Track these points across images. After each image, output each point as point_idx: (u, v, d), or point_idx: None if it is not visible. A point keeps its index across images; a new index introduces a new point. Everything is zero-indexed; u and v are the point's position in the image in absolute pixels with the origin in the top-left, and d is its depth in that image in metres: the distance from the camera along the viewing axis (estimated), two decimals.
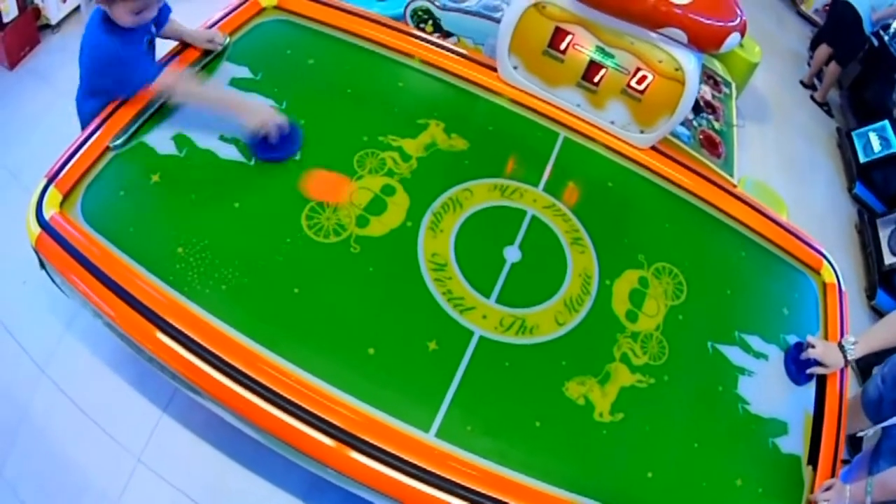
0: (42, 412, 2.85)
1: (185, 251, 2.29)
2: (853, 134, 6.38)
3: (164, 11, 2.69)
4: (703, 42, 2.74)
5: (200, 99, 2.58)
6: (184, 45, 2.85)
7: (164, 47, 2.80)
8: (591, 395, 2.33)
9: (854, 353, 2.59)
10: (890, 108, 6.24)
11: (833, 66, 6.78)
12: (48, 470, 2.72)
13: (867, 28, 6.40)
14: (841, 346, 2.62)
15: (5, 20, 4.00)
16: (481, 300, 2.41)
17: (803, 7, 8.60)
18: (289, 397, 2.05)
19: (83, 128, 2.56)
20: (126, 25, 2.35)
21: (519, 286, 2.49)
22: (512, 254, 2.57)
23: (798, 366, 2.67)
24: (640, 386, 2.41)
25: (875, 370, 3.10)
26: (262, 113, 2.55)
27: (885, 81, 6.41)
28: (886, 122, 6.11)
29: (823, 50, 6.90)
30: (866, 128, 6.31)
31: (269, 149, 2.56)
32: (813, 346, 2.64)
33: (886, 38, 6.50)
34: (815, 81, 7.21)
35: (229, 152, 2.56)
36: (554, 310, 2.47)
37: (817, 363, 2.62)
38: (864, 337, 2.64)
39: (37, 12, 4.29)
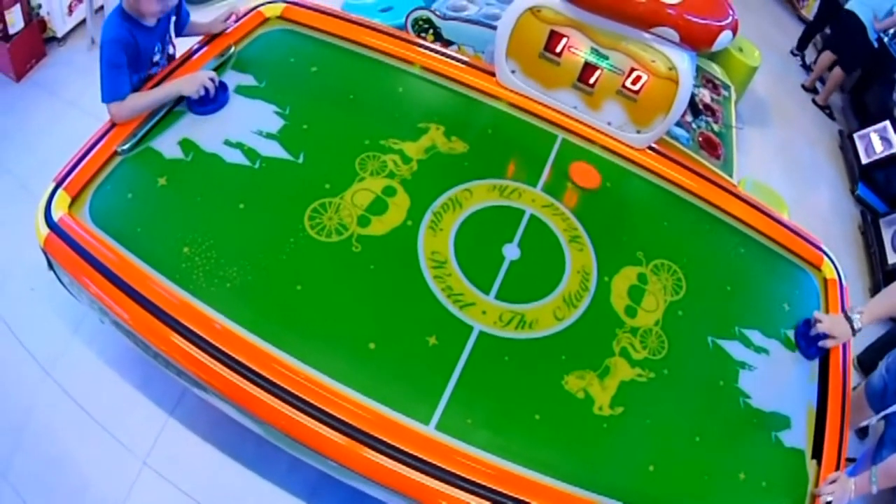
0: (47, 414, 2.90)
1: (191, 251, 2.35)
2: (855, 136, 6.41)
3: (184, 16, 2.92)
4: (695, 41, 2.78)
5: (144, 107, 2.68)
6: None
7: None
8: (590, 388, 2.35)
9: (860, 322, 2.62)
10: (891, 108, 6.27)
11: (837, 71, 6.82)
12: (52, 472, 2.77)
13: (871, 36, 6.45)
14: (847, 317, 2.64)
15: (11, 32, 4.08)
16: (481, 296, 2.45)
17: (803, 12, 8.65)
18: (292, 390, 2.10)
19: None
20: (151, 13, 2.54)
21: (518, 283, 2.53)
22: (511, 251, 2.61)
23: (808, 341, 2.71)
24: (639, 380, 2.43)
25: (881, 363, 3.12)
26: (195, 78, 2.71)
27: (886, 82, 6.44)
28: (888, 123, 6.14)
29: (826, 56, 6.95)
30: (867, 129, 6.34)
31: (207, 103, 2.74)
32: (820, 321, 2.67)
33: (886, 38, 6.54)
34: (817, 85, 7.25)
35: (234, 156, 2.63)
36: (553, 305, 2.51)
37: (827, 336, 2.65)
38: (869, 306, 2.67)
39: (43, 25, 4.37)
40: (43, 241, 2.31)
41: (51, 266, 2.44)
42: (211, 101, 2.73)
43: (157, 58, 2.80)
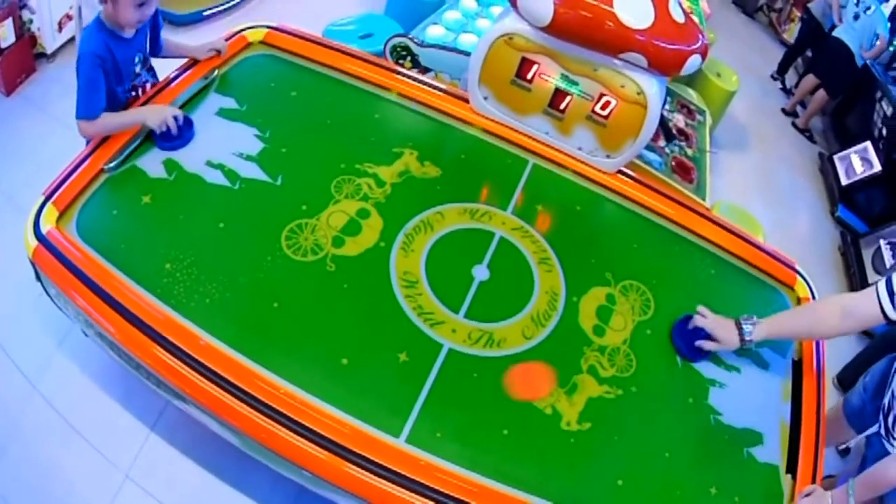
0: (32, 427, 2.95)
1: (172, 267, 2.42)
2: (835, 157, 6.50)
3: (159, 30, 2.92)
4: (664, 66, 2.86)
5: (111, 129, 2.71)
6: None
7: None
8: (558, 404, 2.41)
9: (752, 333, 2.55)
10: (872, 129, 6.36)
11: (820, 95, 6.92)
12: (37, 483, 2.81)
13: (858, 62, 6.57)
14: (738, 324, 2.58)
15: (3, 46, 4.14)
16: (450, 315, 2.53)
17: (785, 35, 8.78)
18: (268, 402, 2.16)
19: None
20: (129, 23, 2.56)
21: (487, 302, 2.60)
22: (480, 272, 2.69)
23: (684, 339, 2.69)
24: (607, 397, 2.49)
25: (859, 380, 3.15)
26: (159, 112, 2.73)
27: (868, 104, 6.54)
28: (868, 144, 6.22)
29: (809, 80, 7.06)
30: (848, 150, 6.43)
31: (171, 139, 2.75)
32: (703, 316, 2.63)
33: (870, 61, 6.66)
34: (798, 108, 7.35)
35: (215, 177, 2.71)
36: (521, 324, 2.58)
37: (708, 337, 2.61)
38: (769, 321, 2.58)
39: (33, 40, 4.43)
40: (31, 253, 2.39)
41: (38, 277, 2.51)
42: (174, 138, 2.76)
43: (137, 68, 2.85)
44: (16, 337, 3.20)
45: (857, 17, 6.53)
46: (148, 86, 2.96)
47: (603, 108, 3.02)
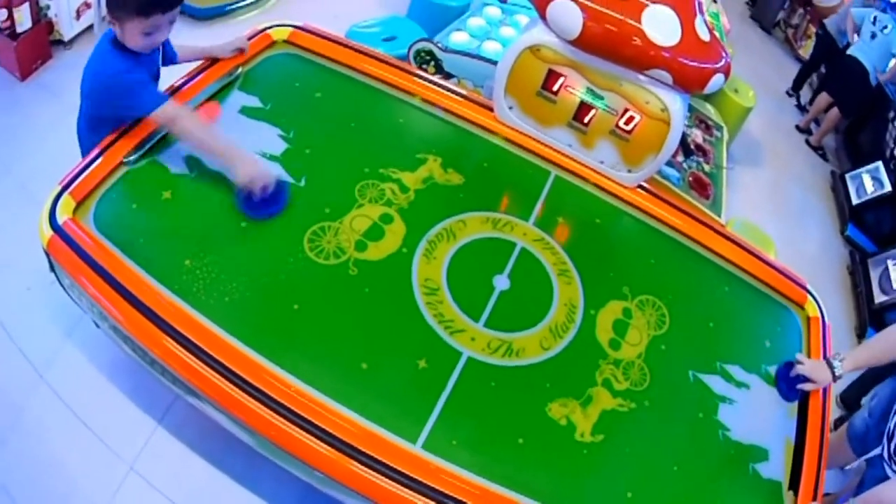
0: (38, 416, 2.95)
1: (192, 263, 2.43)
2: (847, 176, 6.50)
3: (168, 50, 2.81)
4: (688, 83, 2.88)
5: (196, 140, 2.59)
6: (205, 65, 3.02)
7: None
8: (572, 416, 2.43)
9: (841, 369, 2.66)
10: (884, 149, 6.36)
11: (833, 113, 6.91)
12: (39, 472, 2.81)
13: (873, 82, 6.57)
14: (829, 363, 2.68)
15: (19, 30, 4.15)
16: (470, 323, 2.54)
17: (801, 51, 8.78)
18: (285, 403, 2.16)
19: (84, 156, 2.62)
20: (136, 48, 2.45)
21: (507, 312, 2.62)
22: (501, 282, 2.70)
23: (788, 383, 2.77)
24: (621, 410, 2.51)
25: (863, 401, 3.18)
26: (253, 168, 2.55)
27: (881, 123, 6.54)
28: (880, 163, 6.23)
29: (823, 98, 7.06)
30: (860, 169, 6.42)
31: (253, 205, 2.59)
32: (801, 363, 2.72)
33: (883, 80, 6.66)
34: (812, 126, 7.35)
35: None
36: (539, 335, 2.60)
37: (807, 380, 2.69)
38: (852, 354, 2.71)
39: (50, 26, 4.43)
40: (46, 243, 2.38)
41: (52, 268, 2.51)
42: (256, 206, 2.60)
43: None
44: (25, 326, 3.20)
45: (873, 35, 6.53)
46: None
47: (627, 122, 3.03)
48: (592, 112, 3.09)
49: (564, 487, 2.30)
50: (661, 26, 2.77)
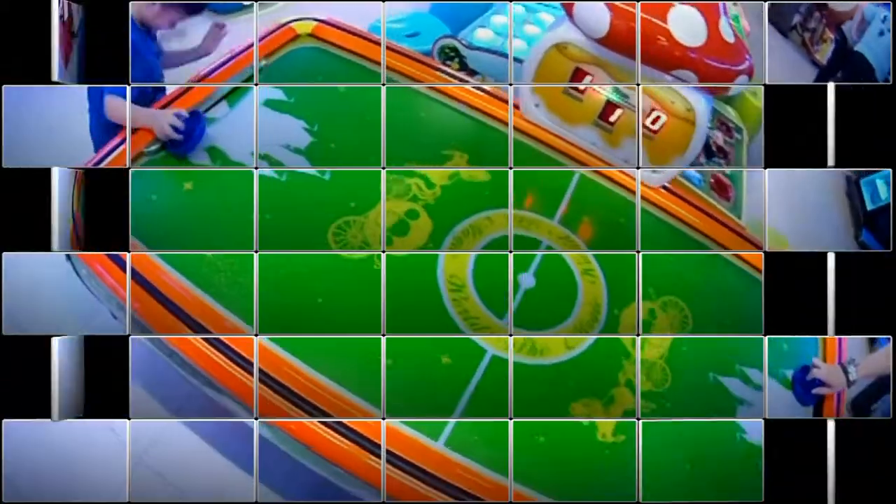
0: None
1: (213, 255, 2.44)
2: (861, 181, 6.46)
3: None
4: (713, 83, 2.90)
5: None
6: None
7: None
8: (595, 416, 2.44)
9: (855, 374, 2.69)
10: None
11: None
12: (43, 459, 2.73)
13: None
14: (844, 369, 2.71)
15: None
16: (495, 321, 2.54)
17: (817, 56, 8.73)
18: (305, 397, 2.20)
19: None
20: None
21: (531, 310, 2.61)
22: (526, 280, 2.70)
23: (804, 387, 2.76)
24: (642, 410, 2.51)
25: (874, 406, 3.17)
26: (157, 120, 2.63)
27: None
28: (890, 172, 6.18)
29: None
30: (873, 175, 6.38)
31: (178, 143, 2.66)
32: (817, 368, 2.74)
33: None
34: None
35: (261, 167, 2.70)
36: (563, 334, 2.60)
37: (822, 384, 2.71)
38: (867, 360, 2.74)
39: None
40: None
41: (68, 256, 2.50)
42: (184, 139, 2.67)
43: None
44: None
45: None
46: None
47: (653, 122, 3.02)
48: (619, 111, 3.08)
49: (584, 486, 2.31)
50: (687, 27, 2.80)
